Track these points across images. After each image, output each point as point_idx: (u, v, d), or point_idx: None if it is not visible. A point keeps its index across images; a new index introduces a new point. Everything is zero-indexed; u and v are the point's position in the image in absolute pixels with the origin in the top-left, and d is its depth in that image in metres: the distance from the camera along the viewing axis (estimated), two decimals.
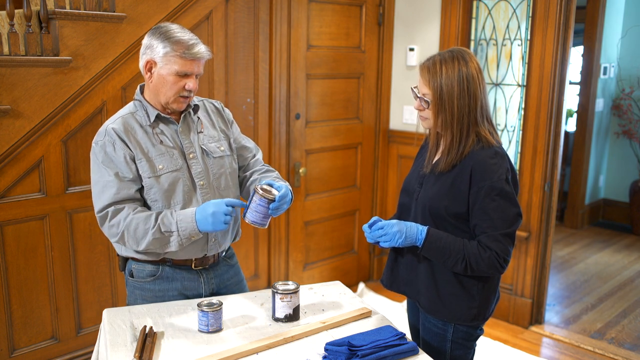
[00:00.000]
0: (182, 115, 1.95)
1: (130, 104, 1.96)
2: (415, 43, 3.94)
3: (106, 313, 1.86)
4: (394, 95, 4.11)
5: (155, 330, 1.73)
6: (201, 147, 1.96)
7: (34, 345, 2.74)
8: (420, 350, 1.68)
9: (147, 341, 1.65)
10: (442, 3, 3.74)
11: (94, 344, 2.61)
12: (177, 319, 1.82)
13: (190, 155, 1.93)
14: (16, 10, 2.59)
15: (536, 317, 3.69)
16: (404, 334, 1.70)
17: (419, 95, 1.83)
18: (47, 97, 2.60)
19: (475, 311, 1.83)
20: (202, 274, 2.00)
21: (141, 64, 1.88)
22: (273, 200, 1.79)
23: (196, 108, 1.99)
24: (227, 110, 2.13)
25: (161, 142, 1.89)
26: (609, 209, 5.94)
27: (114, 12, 2.75)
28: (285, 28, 3.46)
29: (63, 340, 2.84)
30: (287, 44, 3.49)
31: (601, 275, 4.54)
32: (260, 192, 1.79)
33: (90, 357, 2.37)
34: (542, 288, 3.64)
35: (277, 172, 2.14)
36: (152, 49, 1.83)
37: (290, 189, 1.96)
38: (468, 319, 1.84)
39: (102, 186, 1.84)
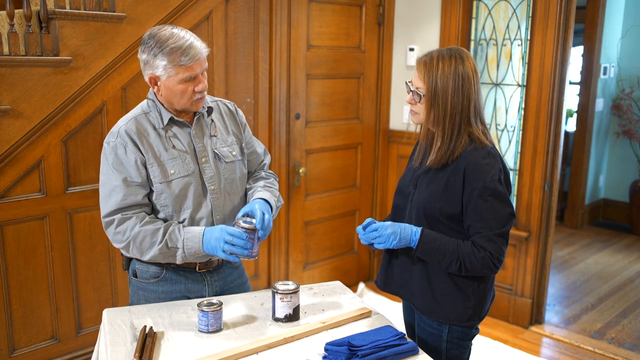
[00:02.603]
0: (196, 118, 1.92)
1: (144, 102, 1.93)
2: (415, 43, 3.94)
3: (106, 313, 1.86)
4: (394, 95, 4.11)
5: (155, 330, 1.73)
6: (214, 151, 1.93)
7: (34, 345, 2.75)
8: (421, 350, 1.68)
9: (147, 341, 1.65)
10: (442, 3, 3.74)
11: (94, 344, 2.61)
12: (177, 319, 1.82)
13: (203, 159, 1.91)
14: (16, 10, 2.60)
15: (536, 317, 3.69)
16: (404, 334, 1.70)
17: (412, 88, 1.83)
18: (47, 97, 2.60)
19: (470, 311, 1.84)
20: (205, 276, 2.00)
21: (146, 79, 1.85)
22: (254, 230, 1.78)
23: (210, 110, 1.96)
24: (240, 112, 2.09)
25: (173, 146, 1.87)
26: (609, 209, 5.94)
27: (114, 12, 2.75)
28: (285, 28, 3.46)
29: (63, 340, 2.84)
30: (287, 44, 3.49)
31: (601, 275, 4.54)
32: (243, 225, 1.78)
33: (90, 357, 2.37)
34: (542, 288, 3.64)
35: (268, 179, 2.09)
36: (151, 65, 1.79)
37: (271, 203, 1.92)
38: (464, 320, 1.84)
39: (110, 190, 1.83)
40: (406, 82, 1.87)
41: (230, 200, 1.97)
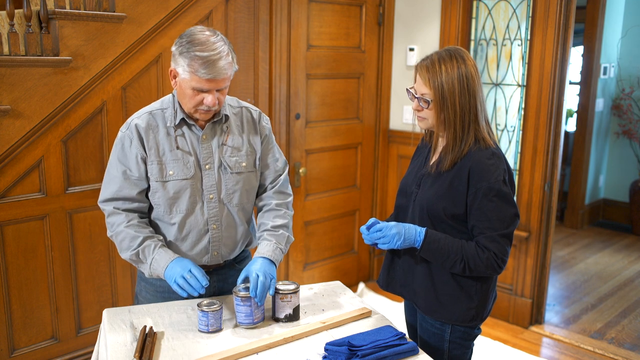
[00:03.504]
0: (211, 123, 1.89)
1: (167, 97, 1.93)
2: (415, 43, 3.94)
3: (106, 313, 1.86)
4: (394, 95, 4.11)
5: (155, 330, 1.73)
6: (220, 160, 1.91)
7: (34, 345, 2.74)
8: (420, 350, 1.68)
9: (147, 341, 1.65)
10: (442, 3, 3.74)
11: (94, 344, 2.61)
12: (177, 319, 1.82)
13: (207, 166, 1.89)
14: (16, 10, 2.59)
15: (536, 317, 3.69)
16: (404, 334, 1.70)
17: (416, 95, 1.82)
18: (47, 97, 2.60)
19: (473, 312, 1.83)
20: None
21: (169, 69, 1.85)
22: (249, 297, 1.76)
23: (226, 118, 1.93)
24: (263, 122, 2.01)
25: (178, 147, 1.86)
26: (609, 209, 5.94)
27: (114, 12, 2.75)
28: (285, 28, 3.46)
29: (63, 340, 2.84)
30: (287, 44, 3.49)
31: (601, 275, 4.54)
32: (238, 294, 1.77)
33: (90, 357, 2.37)
34: (542, 288, 3.64)
35: (280, 210, 2.03)
36: (175, 59, 1.79)
37: (274, 258, 1.89)
38: (467, 320, 1.84)
39: (110, 179, 1.89)
40: (407, 90, 1.85)
41: (229, 212, 1.94)
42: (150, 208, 1.93)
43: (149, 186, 1.89)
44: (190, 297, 1.87)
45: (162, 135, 1.86)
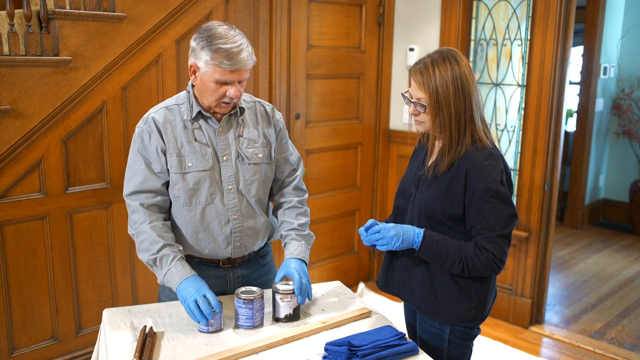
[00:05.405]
0: (226, 116, 1.92)
1: (181, 93, 1.96)
2: (415, 43, 3.94)
3: (106, 313, 1.86)
4: (394, 95, 4.11)
5: (155, 330, 1.73)
6: (237, 151, 1.93)
7: (34, 345, 2.74)
8: (420, 350, 1.69)
9: (147, 341, 1.65)
10: (442, 3, 3.74)
11: (94, 344, 2.61)
12: (177, 319, 1.82)
13: (224, 158, 1.91)
14: (16, 10, 2.59)
15: (536, 317, 3.69)
16: (404, 334, 1.70)
17: (412, 100, 1.82)
18: (47, 97, 2.60)
19: (473, 312, 1.83)
20: (229, 272, 2.00)
21: (188, 64, 1.87)
22: (252, 301, 1.76)
23: (242, 111, 1.96)
24: (277, 116, 2.05)
25: (195, 138, 1.89)
26: (609, 209, 5.94)
27: (114, 12, 2.75)
28: (285, 28, 3.46)
29: (63, 340, 2.84)
30: (287, 44, 3.49)
31: (601, 275, 4.54)
32: (240, 296, 1.77)
33: (90, 357, 2.37)
34: (542, 288, 3.64)
35: (301, 208, 2.07)
36: (196, 54, 1.81)
37: (306, 259, 1.95)
38: (466, 320, 1.84)
39: (133, 172, 1.91)
40: (402, 94, 1.85)
41: (248, 203, 1.96)
42: (170, 204, 1.94)
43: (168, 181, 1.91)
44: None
45: (180, 129, 1.89)
